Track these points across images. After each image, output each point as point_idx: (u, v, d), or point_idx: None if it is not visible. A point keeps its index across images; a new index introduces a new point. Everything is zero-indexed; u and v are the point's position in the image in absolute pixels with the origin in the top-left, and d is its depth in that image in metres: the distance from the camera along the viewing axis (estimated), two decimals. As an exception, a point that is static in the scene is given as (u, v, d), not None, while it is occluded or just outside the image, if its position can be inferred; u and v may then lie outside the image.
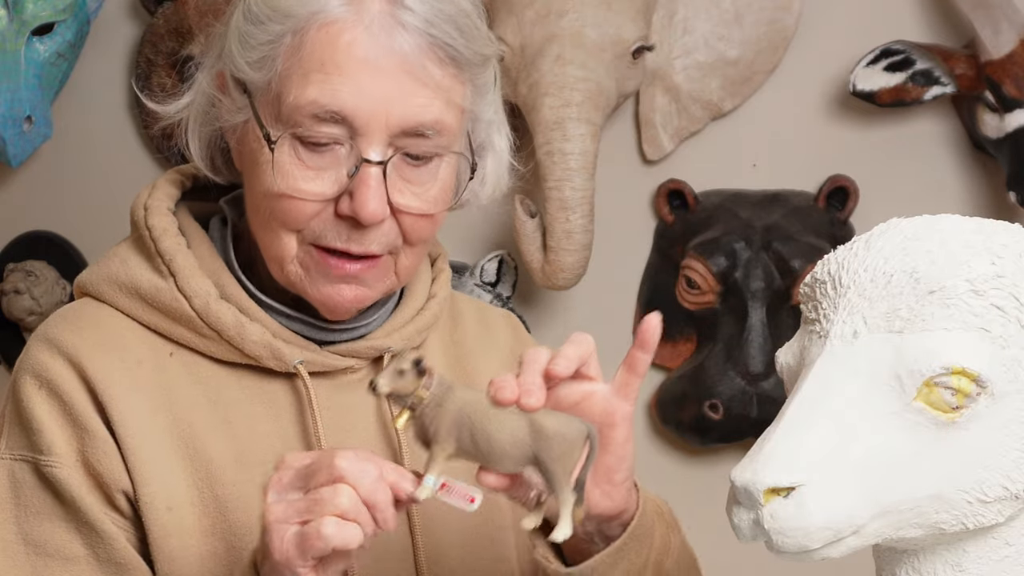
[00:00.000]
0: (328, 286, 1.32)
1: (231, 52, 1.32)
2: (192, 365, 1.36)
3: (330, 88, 1.26)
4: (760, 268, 2.23)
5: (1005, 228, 1.03)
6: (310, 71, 1.27)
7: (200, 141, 1.39)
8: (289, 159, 1.29)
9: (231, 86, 1.33)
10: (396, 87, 1.27)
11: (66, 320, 1.38)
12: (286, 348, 1.35)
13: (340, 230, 1.30)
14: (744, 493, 0.98)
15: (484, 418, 1.11)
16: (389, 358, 1.17)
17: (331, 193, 1.29)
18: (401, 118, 1.27)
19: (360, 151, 1.27)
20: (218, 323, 1.34)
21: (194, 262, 1.36)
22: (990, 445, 0.98)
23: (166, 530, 1.30)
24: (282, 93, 1.28)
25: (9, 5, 2.28)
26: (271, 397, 1.37)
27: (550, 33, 2.14)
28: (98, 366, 1.32)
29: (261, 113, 1.30)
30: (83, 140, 2.59)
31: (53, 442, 1.30)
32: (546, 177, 2.13)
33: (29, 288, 2.58)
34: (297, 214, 1.30)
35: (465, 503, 1.13)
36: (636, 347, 1.21)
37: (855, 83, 2.16)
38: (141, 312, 1.36)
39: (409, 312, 1.43)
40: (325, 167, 1.28)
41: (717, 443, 2.30)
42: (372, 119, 1.27)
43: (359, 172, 1.27)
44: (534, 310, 2.41)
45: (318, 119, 1.27)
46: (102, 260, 1.41)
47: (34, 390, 1.32)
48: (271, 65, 1.29)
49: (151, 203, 1.39)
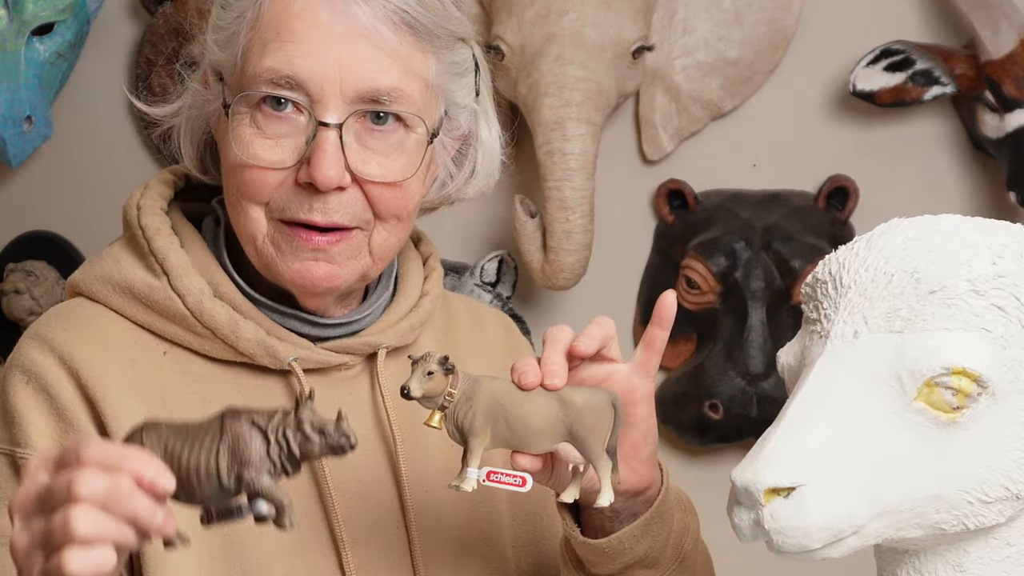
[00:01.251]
0: (297, 262, 1.32)
1: (209, 44, 1.35)
2: (186, 363, 1.36)
3: (285, 55, 1.29)
4: (760, 268, 2.23)
5: (1006, 228, 1.03)
6: (267, 40, 1.30)
7: (192, 143, 1.41)
8: (249, 129, 1.31)
9: (211, 79, 1.36)
10: (351, 51, 1.29)
11: (58, 318, 1.37)
12: (280, 346, 1.35)
13: (301, 200, 1.31)
14: (744, 493, 0.98)
15: (516, 403, 1.16)
16: (412, 364, 1.17)
17: (290, 160, 1.30)
18: (357, 82, 1.29)
19: (316, 115, 1.29)
20: (212, 321, 1.34)
21: (187, 261, 1.36)
22: (991, 445, 0.98)
23: None
24: (245, 66, 1.31)
25: (9, 5, 2.28)
26: (265, 395, 1.37)
27: (550, 33, 2.14)
28: (91, 365, 1.32)
29: (228, 91, 1.33)
30: (83, 140, 2.58)
31: (32, 435, 1.30)
32: (546, 177, 2.13)
33: (29, 288, 2.57)
34: (260, 185, 1.31)
35: (518, 485, 1.17)
36: (653, 324, 1.27)
37: (855, 83, 2.16)
38: (134, 311, 1.36)
39: (402, 309, 1.44)
40: (284, 135, 1.30)
41: (717, 443, 2.30)
42: (326, 83, 1.28)
43: (316, 137, 1.29)
44: (534, 310, 2.41)
45: (274, 85, 1.29)
46: (95, 260, 1.42)
47: (20, 384, 1.32)
48: (236, 41, 1.32)
49: (144, 203, 1.40)
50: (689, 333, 2.34)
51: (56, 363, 1.32)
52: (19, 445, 1.30)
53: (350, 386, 1.40)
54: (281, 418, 1.05)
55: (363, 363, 1.42)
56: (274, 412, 1.06)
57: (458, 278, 2.35)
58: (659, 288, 2.36)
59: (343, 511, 1.35)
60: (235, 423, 1.05)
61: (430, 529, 1.40)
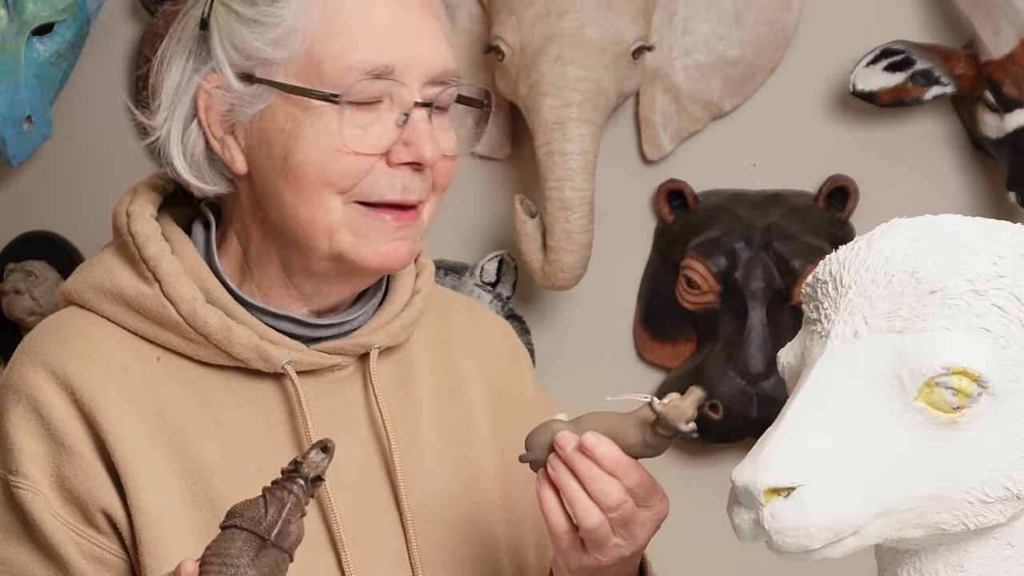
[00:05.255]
0: (385, 244, 1.33)
1: (231, 47, 1.33)
2: (179, 369, 1.36)
3: (376, 44, 1.30)
4: (760, 268, 2.23)
5: (1006, 228, 1.03)
6: (354, 32, 1.31)
7: (183, 156, 1.37)
8: (336, 123, 1.30)
9: (235, 83, 1.33)
10: (423, 32, 1.33)
11: (50, 332, 1.37)
12: (273, 349, 1.35)
13: (394, 181, 1.32)
14: (745, 493, 0.98)
15: None
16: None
17: (386, 144, 1.31)
18: (433, 63, 1.33)
19: (406, 98, 1.31)
20: (205, 328, 1.33)
21: (179, 267, 1.35)
22: (991, 445, 0.98)
23: (159, 535, 1.30)
24: (323, 61, 1.30)
25: (9, 5, 2.28)
26: (259, 398, 1.37)
27: (550, 33, 2.14)
28: (84, 378, 1.32)
29: (299, 83, 1.31)
30: (83, 140, 2.59)
31: (23, 462, 1.30)
32: (546, 177, 2.13)
33: (29, 288, 2.58)
34: (356, 171, 1.31)
35: None
36: None
37: (855, 83, 2.16)
38: (127, 318, 1.36)
39: (395, 308, 1.44)
40: (370, 123, 1.31)
41: (717, 443, 2.30)
42: (412, 64, 1.32)
43: (411, 117, 1.31)
44: (534, 310, 2.41)
45: (370, 76, 1.30)
46: (86, 267, 1.41)
47: (12, 405, 1.32)
48: (302, 36, 1.31)
49: (133, 209, 1.39)
50: (689, 333, 2.34)
51: (49, 379, 1.32)
52: (11, 470, 1.31)
53: (343, 386, 1.41)
54: (277, 506, 1.11)
55: (355, 363, 1.42)
56: (262, 501, 1.12)
57: (458, 278, 2.35)
58: (659, 288, 2.37)
59: (341, 511, 1.35)
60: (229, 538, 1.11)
61: (427, 528, 1.40)
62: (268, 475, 1.26)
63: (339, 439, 1.35)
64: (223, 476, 1.32)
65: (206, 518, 1.31)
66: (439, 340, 1.51)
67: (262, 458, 1.34)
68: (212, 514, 1.31)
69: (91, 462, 1.30)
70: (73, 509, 1.30)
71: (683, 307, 2.30)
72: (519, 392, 1.54)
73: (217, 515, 1.30)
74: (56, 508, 1.30)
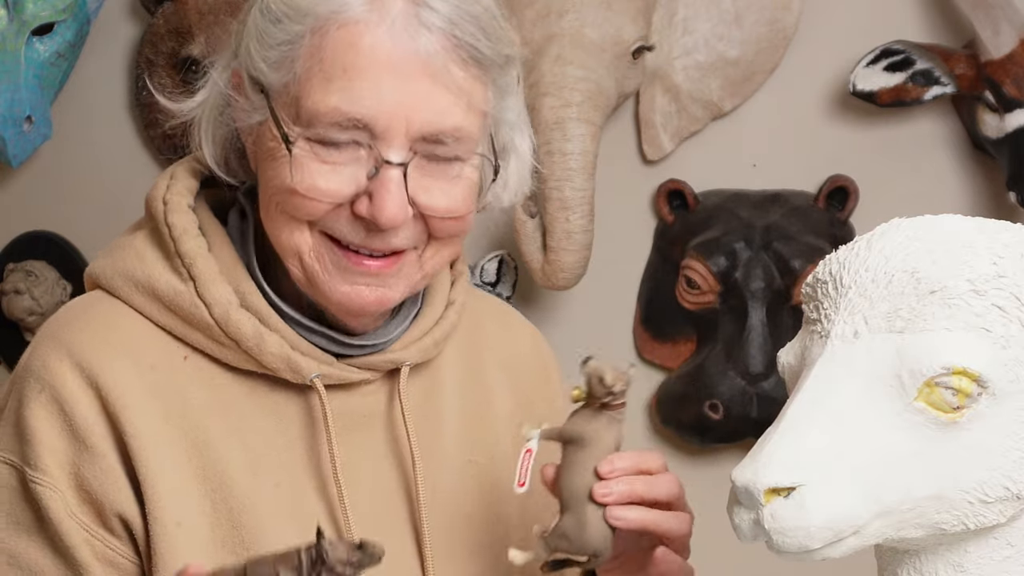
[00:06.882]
0: (346, 285, 1.27)
1: (249, 51, 1.29)
2: (205, 370, 1.32)
3: (352, 95, 1.22)
4: (760, 268, 2.23)
5: (1006, 228, 1.03)
6: (332, 76, 1.23)
7: (215, 143, 1.35)
8: (307, 156, 1.24)
9: (247, 86, 1.30)
10: (418, 91, 1.24)
11: (76, 318, 1.33)
12: (303, 361, 1.31)
13: (357, 229, 1.26)
14: (745, 493, 0.98)
15: None
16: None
17: (348, 193, 1.25)
18: (422, 123, 1.24)
19: (380, 153, 1.24)
20: (237, 333, 1.29)
21: (215, 267, 1.31)
22: (991, 445, 0.98)
23: (174, 546, 1.26)
24: (301, 96, 1.25)
25: (9, 5, 2.28)
26: (280, 408, 1.33)
27: (550, 33, 2.14)
28: (110, 373, 1.27)
29: (280, 114, 1.27)
30: (83, 140, 2.58)
31: (43, 456, 1.26)
32: (546, 177, 2.13)
33: (29, 288, 2.58)
34: (312, 209, 1.25)
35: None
36: None
37: (855, 83, 2.16)
38: (157, 313, 1.32)
39: (428, 322, 1.39)
40: (344, 163, 1.24)
41: (717, 443, 2.30)
42: (393, 123, 1.23)
43: (379, 174, 1.24)
44: (534, 310, 2.41)
45: (340, 126, 1.23)
46: (115, 251, 1.36)
47: (35, 394, 1.28)
48: (290, 66, 1.25)
49: (170, 197, 1.34)
50: (689, 333, 2.34)
51: (73, 370, 1.27)
52: (29, 465, 1.27)
53: (367, 401, 1.37)
54: (310, 566, 1.05)
55: (383, 377, 1.38)
56: (295, 554, 1.06)
57: (458, 278, 2.35)
58: (659, 288, 2.37)
59: (357, 530, 1.30)
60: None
61: (445, 549, 1.37)
62: (284, 490, 1.23)
63: (361, 453, 1.34)
64: (243, 486, 1.29)
65: (224, 528, 1.28)
66: (468, 349, 1.47)
67: (279, 471, 1.31)
68: (230, 525, 1.28)
69: (112, 464, 1.26)
70: (89, 510, 1.27)
71: (683, 307, 2.30)
72: (547, 405, 1.50)
73: (235, 526, 1.28)
74: (72, 507, 1.26)
